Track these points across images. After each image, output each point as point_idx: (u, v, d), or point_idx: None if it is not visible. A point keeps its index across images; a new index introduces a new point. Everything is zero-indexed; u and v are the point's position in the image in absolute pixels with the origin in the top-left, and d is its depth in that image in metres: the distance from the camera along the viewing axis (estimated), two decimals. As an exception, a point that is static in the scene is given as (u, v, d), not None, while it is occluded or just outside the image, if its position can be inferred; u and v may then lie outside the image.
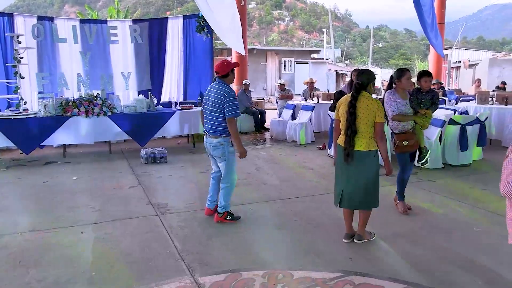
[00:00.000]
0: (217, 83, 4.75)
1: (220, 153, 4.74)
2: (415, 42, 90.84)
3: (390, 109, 4.96)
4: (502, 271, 3.66)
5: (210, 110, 4.73)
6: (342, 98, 4.31)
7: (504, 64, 27.12)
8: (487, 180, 6.69)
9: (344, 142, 4.09)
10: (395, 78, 5.01)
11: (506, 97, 10.03)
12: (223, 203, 4.88)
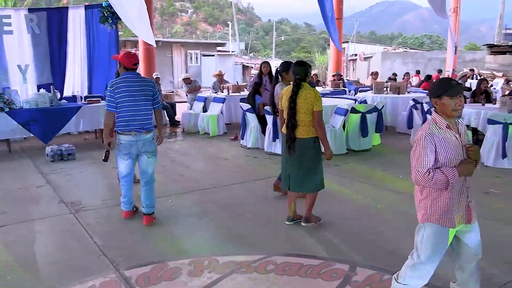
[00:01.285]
0: (135, 75, 4.51)
1: (153, 148, 4.58)
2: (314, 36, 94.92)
3: None
4: (403, 242, 4.11)
5: (137, 105, 4.38)
6: (284, 90, 4.47)
7: (394, 57, 29.55)
8: (386, 162, 7.37)
9: (287, 129, 4.34)
10: (281, 71, 5.24)
11: (398, 87, 11.03)
12: (154, 201, 4.72)
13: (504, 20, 27.34)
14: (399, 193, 5.69)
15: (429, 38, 62.17)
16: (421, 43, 58.71)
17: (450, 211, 2.59)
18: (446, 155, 2.53)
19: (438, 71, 20.30)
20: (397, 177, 6.40)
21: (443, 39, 55.23)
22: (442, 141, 2.53)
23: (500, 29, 27.04)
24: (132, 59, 4.50)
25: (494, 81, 17.13)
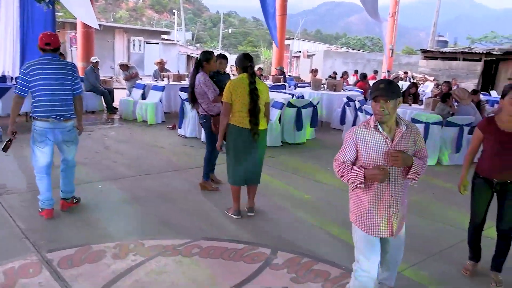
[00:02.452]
0: (54, 58, 4.14)
1: (73, 136, 4.37)
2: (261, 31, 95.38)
3: (211, 90, 5.05)
4: (325, 229, 4.36)
5: (55, 89, 4.11)
6: (234, 82, 4.35)
7: (336, 56, 30.41)
8: (318, 156, 7.69)
9: (251, 123, 4.28)
10: (203, 61, 5.05)
11: (335, 85, 11.46)
12: (72, 187, 4.57)
13: (437, 28, 28.96)
14: (327, 184, 5.99)
15: (370, 40, 64.55)
16: (363, 44, 60.87)
17: (371, 218, 2.61)
18: (367, 156, 2.54)
19: (374, 72, 21.22)
20: (326, 169, 6.71)
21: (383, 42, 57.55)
22: (363, 141, 2.55)
23: (434, 36, 28.64)
24: (44, 38, 4.12)
25: (425, 84, 18.19)
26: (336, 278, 3.40)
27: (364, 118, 8.18)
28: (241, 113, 4.31)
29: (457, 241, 4.18)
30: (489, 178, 3.33)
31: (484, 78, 22.08)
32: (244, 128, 4.32)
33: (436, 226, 4.67)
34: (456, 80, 18.15)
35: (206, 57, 5.10)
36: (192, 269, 3.43)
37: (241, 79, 4.36)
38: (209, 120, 5.18)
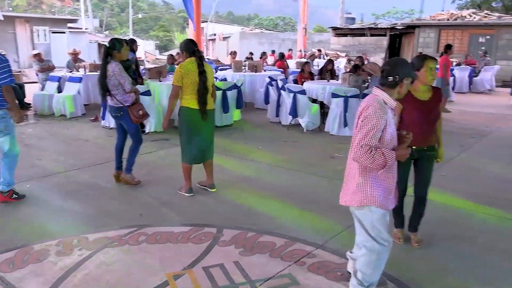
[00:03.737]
0: None
1: (3, 127, 4.32)
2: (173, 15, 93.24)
3: (127, 81, 4.88)
4: (264, 203, 4.57)
5: None
6: (187, 67, 4.51)
7: (251, 37, 30.71)
8: (247, 136, 7.89)
9: (199, 103, 4.54)
10: (113, 50, 4.80)
11: (255, 66, 11.68)
12: (8, 179, 4.48)
13: (345, 5, 30.28)
14: (260, 162, 6.21)
15: (282, 20, 65.79)
16: (275, 24, 61.91)
17: (394, 193, 2.73)
18: (390, 137, 2.58)
19: (289, 50, 21.84)
20: (256, 148, 6.93)
21: (295, 21, 58.85)
22: (389, 121, 2.58)
23: (343, 13, 29.91)
24: None
25: (338, 60, 19.06)
26: (282, 246, 3.62)
27: (288, 96, 8.49)
28: (192, 95, 4.55)
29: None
30: (408, 146, 3.61)
31: (390, 51, 23.59)
32: (195, 109, 4.57)
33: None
34: (366, 55, 19.23)
35: (116, 46, 4.82)
36: (142, 256, 3.46)
37: (190, 62, 4.56)
38: (126, 111, 4.93)
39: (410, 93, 3.49)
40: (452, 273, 3.33)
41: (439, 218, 4.30)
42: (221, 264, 3.33)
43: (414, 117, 3.48)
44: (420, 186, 3.68)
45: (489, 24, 20.43)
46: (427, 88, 3.53)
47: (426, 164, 3.62)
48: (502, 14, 23.57)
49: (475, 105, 12.48)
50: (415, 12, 43.10)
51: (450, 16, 22.51)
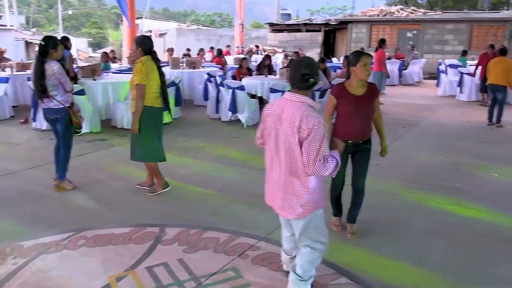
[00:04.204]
0: None
1: None
2: (105, 11, 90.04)
3: (68, 81, 4.70)
4: (206, 200, 4.58)
5: None
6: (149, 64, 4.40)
7: (188, 34, 30.39)
8: (187, 133, 7.83)
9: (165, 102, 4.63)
10: (50, 48, 4.54)
11: (193, 62, 11.59)
12: None
13: (281, 2, 30.73)
14: (201, 159, 6.19)
15: (219, 16, 65.55)
16: (212, 20, 61.57)
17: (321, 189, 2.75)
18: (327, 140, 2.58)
19: (227, 46, 21.85)
20: (197, 145, 6.91)
21: (232, 18, 58.94)
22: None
23: (278, 9, 30.33)
24: None
25: (275, 56, 19.31)
26: (225, 241, 3.65)
27: (227, 92, 8.51)
28: (154, 93, 4.49)
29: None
30: (344, 140, 3.59)
31: (325, 47, 24.25)
32: (159, 108, 4.58)
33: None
34: (302, 50, 19.64)
35: (53, 44, 4.58)
36: (82, 261, 3.36)
37: (149, 60, 4.46)
38: (66, 113, 4.70)
39: (345, 88, 3.62)
40: (386, 255, 3.53)
41: (375, 205, 4.51)
42: (165, 262, 3.30)
43: (348, 112, 3.59)
44: (357, 179, 3.79)
45: (416, 19, 21.56)
46: (362, 83, 3.60)
47: (362, 158, 3.72)
48: (427, 10, 24.96)
49: (405, 96, 13.14)
50: (348, 8, 44.63)
51: (380, 12, 23.50)
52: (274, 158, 2.66)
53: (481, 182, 5.36)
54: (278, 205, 2.72)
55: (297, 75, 2.57)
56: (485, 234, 3.93)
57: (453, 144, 7.27)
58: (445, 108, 11.12)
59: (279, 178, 2.64)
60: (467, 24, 20.36)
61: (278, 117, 2.58)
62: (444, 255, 3.55)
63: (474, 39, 20.18)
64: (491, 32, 19.88)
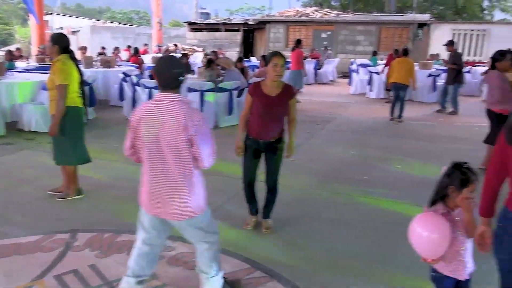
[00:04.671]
0: None
1: None
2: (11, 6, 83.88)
3: None
4: (123, 204, 4.45)
5: None
6: (69, 63, 4.23)
7: (104, 31, 29.27)
8: (102, 135, 7.55)
9: (84, 102, 4.46)
10: None
11: (108, 61, 11.20)
12: None
13: (199, 1, 30.57)
14: (116, 161, 6.01)
15: (137, 13, 63.78)
16: (129, 18, 59.76)
17: None
18: None
19: (144, 45, 21.36)
20: (112, 147, 6.69)
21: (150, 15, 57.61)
22: None
23: (197, 8, 30.17)
24: None
25: (194, 55, 19.21)
26: (140, 244, 3.58)
27: (143, 92, 8.34)
28: (75, 93, 4.32)
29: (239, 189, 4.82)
30: (256, 138, 3.73)
31: (244, 46, 24.55)
32: (81, 108, 4.45)
33: (218, 179, 5.23)
34: (222, 49, 19.72)
35: None
36: (-18, 274, 3.13)
37: (67, 58, 4.26)
38: None
39: (260, 88, 3.66)
40: (300, 248, 3.68)
41: (290, 200, 4.68)
42: (75, 269, 3.18)
43: (260, 111, 3.64)
44: (269, 177, 3.86)
45: (329, 21, 22.52)
46: (277, 84, 3.62)
47: (274, 156, 3.78)
48: (340, 12, 26.17)
49: (320, 95, 13.70)
50: (266, 8, 45.41)
51: (296, 13, 24.24)
52: (158, 164, 2.48)
53: (387, 173, 5.75)
54: (170, 212, 2.54)
55: (169, 75, 2.45)
56: (390, 221, 4.23)
57: (363, 139, 7.72)
58: (356, 105, 11.76)
59: (168, 183, 2.50)
60: (376, 26, 21.67)
61: (157, 120, 2.42)
62: (354, 243, 3.78)
63: (383, 40, 21.53)
64: (397, 34, 21.33)
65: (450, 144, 7.43)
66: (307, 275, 3.25)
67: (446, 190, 2.21)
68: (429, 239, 2.16)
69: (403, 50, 9.74)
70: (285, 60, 3.68)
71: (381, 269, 3.39)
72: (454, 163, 2.24)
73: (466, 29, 21.08)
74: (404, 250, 3.61)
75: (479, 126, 8.39)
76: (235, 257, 3.45)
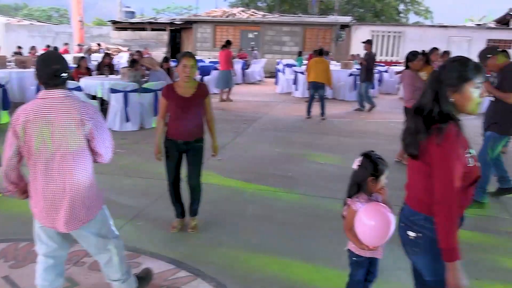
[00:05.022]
0: None
1: None
2: None
3: None
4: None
5: None
6: None
7: (19, 30, 27.57)
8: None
9: None
10: None
11: (24, 62, 10.58)
12: None
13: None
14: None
15: (57, 11, 60.63)
16: (49, 16, 56.70)
17: None
18: None
19: (65, 44, 20.40)
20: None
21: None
22: None
23: (121, 7, 29.26)
24: None
25: (119, 55, 18.65)
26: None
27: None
28: None
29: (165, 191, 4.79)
30: (175, 139, 3.71)
31: (171, 46, 24.24)
32: None
33: (143, 181, 5.17)
34: (148, 49, 19.33)
35: None
36: None
37: None
38: None
39: (173, 90, 3.64)
40: (224, 245, 3.74)
41: (217, 198, 4.74)
42: (-13, 282, 3.01)
43: (176, 113, 3.64)
44: (191, 176, 3.84)
45: (256, 21, 22.84)
46: (190, 85, 3.62)
47: (194, 156, 3.78)
48: (267, 13, 26.63)
49: (247, 94, 13.87)
50: (193, 8, 45.08)
51: (223, 13, 24.32)
52: (49, 170, 2.28)
53: (309, 169, 5.98)
54: (63, 220, 2.34)
55: (49, 72, 2.25)
56: (310, 214, 4.42)
57: (287, 136, 7.95)
58: (282, 104, 12.06)
59: (60, 189, 2.31)
60: (301, 27, 22.32)
61: (47, 120, 2.23)
62: (275, 238, 3.90)
63: (307, 41, 22.22)
64: (321, 35, 22.11)
65: (369, 139, 7.87)
66: (230, 271, 3.32)
67: (365, 180, 2.41)
68: (376, 227, 2.30)
69: (319, 50, 10.13)
70: (195, 60, 3.62)
71: (300, 260, 3.53)
72: (364, 154, 2.45)
73: (384, 31, 22.34)
74: (322, 241, 3.83)
75: (395, 122, 8.97)
76: (159, 259, 3.45)
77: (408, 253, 2.13)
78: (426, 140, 1.89)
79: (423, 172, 1.95)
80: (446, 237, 1.84)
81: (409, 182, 2.11)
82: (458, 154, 1.86)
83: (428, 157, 1.90)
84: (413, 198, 2.07)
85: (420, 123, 1.93)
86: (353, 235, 2.43)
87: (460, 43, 20.59)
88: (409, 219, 2.05)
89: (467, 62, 1.91)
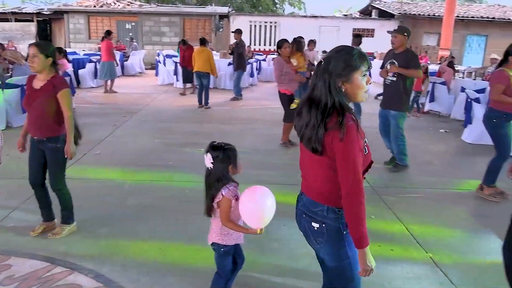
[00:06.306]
0: None
1: None
2: None
3: None
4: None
5: None
6: None
7: None
8: None
9: None
10: None
11: None
12: None
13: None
14: None
15: None
16: None
17: None
18: None
19: None
20: None
21: None
22: None
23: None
24: None
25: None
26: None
27: None
28: None
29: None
30: (31, 135, 3.49)
31: (40, 38, 22.43)
32: None
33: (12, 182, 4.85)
34: (13, 42, 17.74)
35: None
36: None
37: None
38: None
39: (31, 80, 3.46)
40: (103, 237, 3.71)
41: (96, 192, 4.65)
42: None
43: (24, 105, 3.50)
44: (50, 180, 3.59)
45: (133, 12, 22.14)
46: (44, 76, 3.39)
47: (49, 157, 3.50)
48: (144, 3, 25.89)
49: (127, 87, 13.46)
50: (64, -3, 41.98)
51: (96, 3, 23.12)
52: None
53: (191, 157, 6.09)
54: None
55: None
56: (191, 201, 4.52)
57: (169, 127, 7.97)
58: (163, 95, 11.97)
59: None
60: (180, 17, 22.16)
61: None
62: (157, 224, 3.97)
63: (187, 31, 22.16)
64: (200, 25, 22.21)
65: (249, 125, 8.22)
66: (110, 261, 3.32)
67: (227, 170, 2.55)
68: (257, 208, 2.29)
69: (200, 40, 10.26)
70: (41, 49, 3.31)
71: (180, 242, 3.65)
72: (212, 147, 2.61)
73: (261, 21, 23.12)
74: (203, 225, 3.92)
75: (272, 108, 9.47)
76: (33, 258, 3.31)
77: (311, 243, 2.13)
78: (328, 135, 1.87)
79: (324, 164, 1.95)
80: (357, 226, 1.88)
81: (308, 172, 2.10)
82: (360, 146, 1.89)
83: (330, 151, 1.89)
84: (313, 189, 2.07)
85: (319, 117, 1.89)
86: (234, 225, 2.45)
87: (330, 32, 22.17)
88: (311, 210, 2.04)
89: (351, 51, 1.91)
